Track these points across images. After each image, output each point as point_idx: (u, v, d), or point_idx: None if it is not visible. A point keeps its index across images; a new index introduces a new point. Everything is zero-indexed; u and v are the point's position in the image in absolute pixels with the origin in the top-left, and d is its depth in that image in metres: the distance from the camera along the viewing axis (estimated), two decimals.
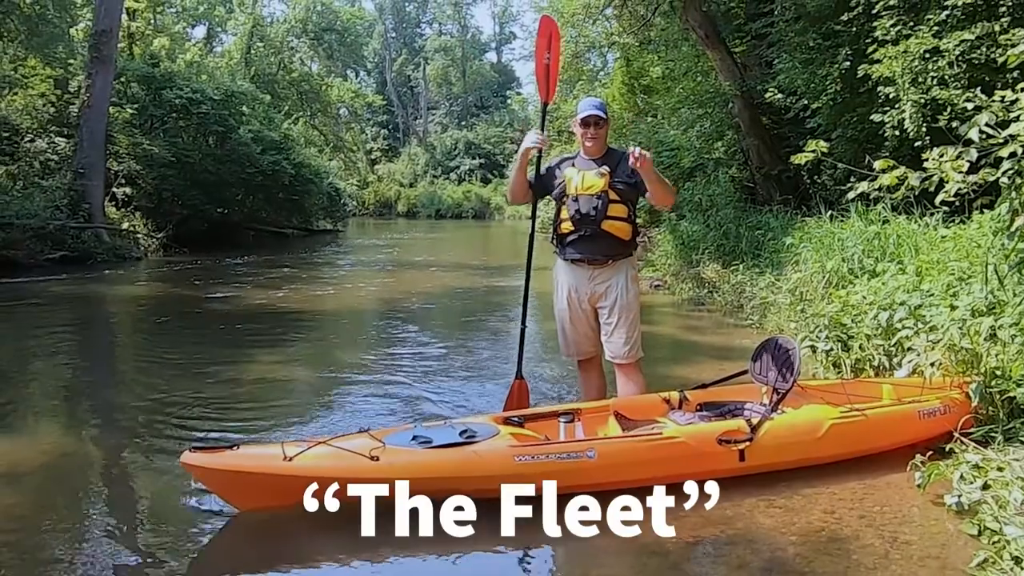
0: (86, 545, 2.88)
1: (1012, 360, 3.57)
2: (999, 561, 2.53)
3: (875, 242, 6.14)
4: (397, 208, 49.59)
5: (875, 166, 3.72)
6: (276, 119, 24.86)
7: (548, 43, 4.16)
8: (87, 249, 13.95)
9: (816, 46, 8.73)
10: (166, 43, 25.77)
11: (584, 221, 3.84)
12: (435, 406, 4.73)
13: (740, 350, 5.69)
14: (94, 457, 4.06)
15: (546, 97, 4.24)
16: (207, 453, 2.96)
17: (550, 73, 4.17)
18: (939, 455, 3.38)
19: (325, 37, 42.92)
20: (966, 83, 6.27)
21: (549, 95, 4.21)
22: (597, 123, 3.87)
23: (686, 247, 10.90)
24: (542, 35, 4.21)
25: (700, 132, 12.97)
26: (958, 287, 4.47)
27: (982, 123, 3.32)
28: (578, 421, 3.67)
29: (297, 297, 10.34)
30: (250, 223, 21.36)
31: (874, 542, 2.81)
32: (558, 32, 4.30)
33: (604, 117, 3.90)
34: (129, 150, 16.90)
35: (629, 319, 3.93)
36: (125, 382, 5.81)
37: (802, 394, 3.84)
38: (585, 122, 3.88)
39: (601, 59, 25.31)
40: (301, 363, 6.28)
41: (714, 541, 2.88)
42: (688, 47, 13.34)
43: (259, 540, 2.97)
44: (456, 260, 16.86)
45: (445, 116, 60.07)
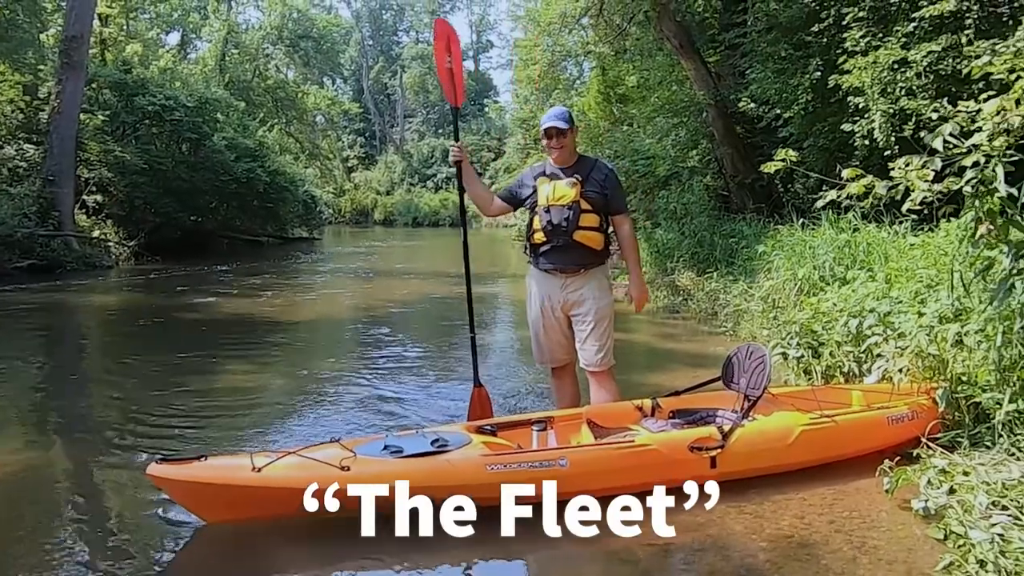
0: (52, 559, 2.82)
1: (978, 366, 3.63)
2: (964, 564, 2.56)
3: (845, 250, 6.22)
4: (374, 216, 49.41)
5: (843, 175, 3.76)
6: (251, 126, 24.70)
7: (447, 46, 4.08)
8: (56, 257, 13.74)
9: (788, 56, 8.84)
10: (139, 49, 25.44)
11: (556, 232, 3.85)
12: (407, 415, 4.71)
13: (714, 357, 5.72)
14: (60, 469, 3.99)
15: (455, 101, 4.14)
16: (174, 465, 2.91)
17: (455, 76, 4.09)
18: (907, 460, 3.42)
19: (301, 44, 42.69)
20: (933, 93, 6.39)
21: (458, 99, 4.12)
22: (558, 134, 3.88)
23: (661, 255, 10.96)
24: (439, 38, 4.10)
25: (675, 141, 13.07)
26: (926, 294, 4.54)
27: (947, 133, 3.37)
28: (551, 429, 3.67)
29: (271, 306, 10.24)
30: (224, 231, 21.16)
31: (843, 547, 2.83)
32: (456, 35, 4.19)
33: (565, 128, 3.88)
34: (100, 157, 16.68)
35: (602, 327, 3.95)
36: (93, 393, 5.72)
37: (773, 401, 3.86)
38: (547, 133, 3.90)
39: (577, 68, 25.45)
40: (273, 372, 6.22)
41: (685, 547, 2.89)
42: (663, 56, 13.46)
43: (226, 554, 2.93)
44: (432, 268, 16.81)
45: (422, 124, 59.99)
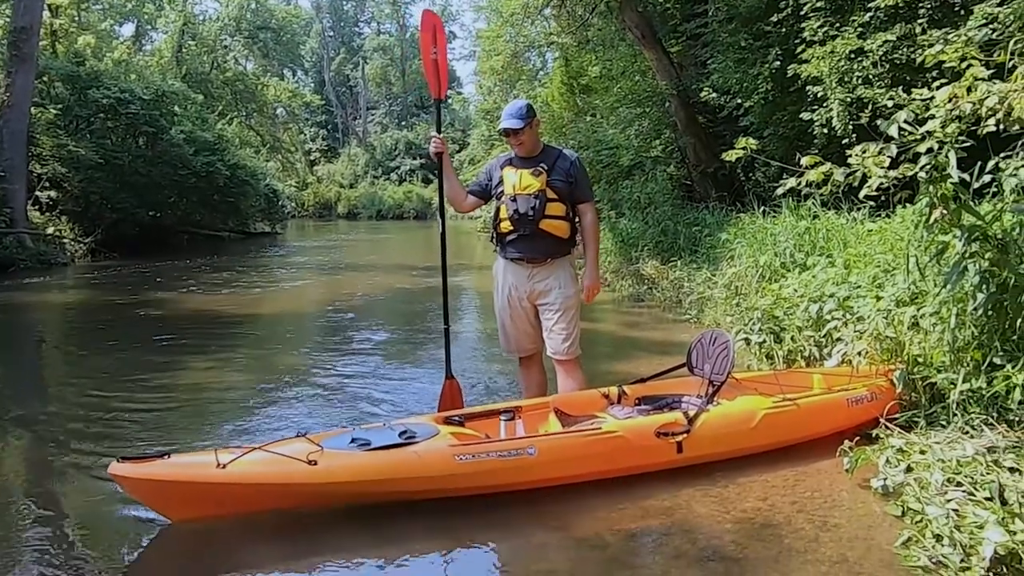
0: (13, 561, 2.76)
1: (933, 347, 3.72)
2: (921, 539, 2.64)
3: (806, 237, 6.33)
4: (337, 209, 48.89)
5: (803, 162, 3.83)
6: (209, 119, 24.22)
7: (433, 37, 4.04)
8: (9, 255, 13.36)
9: (748, 46, 8.95)
10: (92, 41, 24.77)
11: (522, 220, 3.85)
12: (374, 407, 4.69)
13: (678, 344, 5.79)
14: (18, 470, 3.90)
15: (438, 93, 4.11)
16: (137, 463, 2.86)
17: (439, 68, 4.06)
18: (866, 441, 3.50)
19: (260, 35, 42.01)
20: (889, 82, 6.52)
21: (441, 91, 4.10)
22: (515, 133, 3.88)
23: (625, 244, 11.04)
24: (426, 29, 4.06)
25: (638, 131, 13.15)
26: (883, 279, 4.64)
27: (901, 120, 3.44)
28: (519, 419, 3.68)
29: (233, 301, 10.10)
30: (184, 226, 20.75)
31: (805, 527, 2.89)
32: (441, 25, 4.17)
33: (520, 127, 3.86)
34: (53, 152, 16.22)
35: (568, 316, 3.97)
36: (51, 392, 5.60)
37: (737, 386, 3.93)
38: (505, 132, 3.90)
39: (540, 59, 25.46)
40: (237, 368, 6.14)
41: (652, 532, 2.93)
42: (625, 47, 13.53)
43: (192, 552, 2.89)
44: (397, 261, 16.72)
45: (385, 116, 59.46)
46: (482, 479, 3.09)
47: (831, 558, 2.64)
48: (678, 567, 2.62)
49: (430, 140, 4.01)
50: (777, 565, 2.60)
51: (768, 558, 2.66)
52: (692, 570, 2.60)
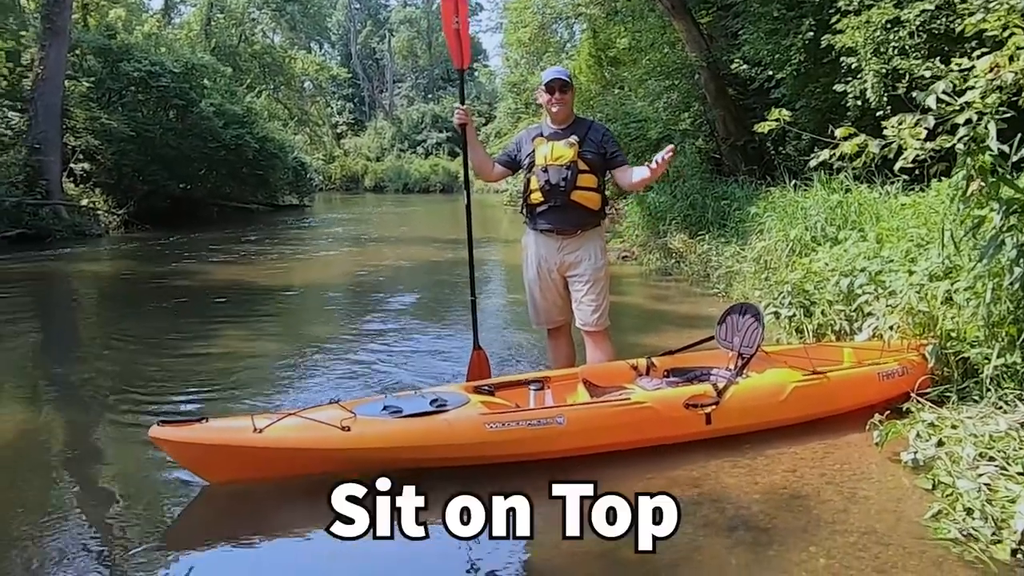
0: (55, 521, 2.86)
1: (966, 322, 3.68)
2: (952, 512, 2.64)
3: (837, 210, 6.26)
4: (364, 183, 49.02)
5: (836, 134, 3.78)
6: (238, 92, 24.33)
7: (455, 6, 4.00)
8: (45, 226, 13.62)
9: (780, 17, 8.78)
10: (122, 14, 24.93)
11: (554, 192, 3.86)
12: (405, 376, 4.75)
13: (706, 318, 5.77)
14: (60, 433, 4.02)
15: (460, 63, 4.08)
16: (176, 427, 2.95)
17: (461, 38, 4.02)
18: (896, 415, 3.49)
19: (287, 8, 41.90)
20: (926, 53, 6.38)
21: (464, 60, 4.07)
22: (562, 88, 3.88)
23: (653, 218, 10.97)
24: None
25: (667, 104, 13.01)
26: (916, 253, 4.59)
27: (939, 91, 3.38)
28: (548, 389, 3.72)
29: (263, 272, 10.23)
30: (214, 198, 20.98)
31: (834, 498, 2.90)
32: None
33: (569, 82, 3.90)
34: (86, 124, 16.45)
35: (598, 288, 3.98)
36: (90, 359, 5.73)
37: (766, 359, 3.92)
38: (550, 87, 3.88)
39: (568, 31, 25.16)
40: (269, 337, 6.24)
41: (681, 501, 2.93)
42: (654, 18, 13.32)
43: (229, 513, 2.98)
44: (423, 234, 16.78)
45: (411, 89, 59.32)
46: (511, 447, 3.13)
47: (860, 529, 2.65)
48: (706, 535, 2.65)
49: (454, 111, 4.01)
50: (805, 535, 2.62)
51: (797, 528, 2.67)
52: (721, 539, 2.63)
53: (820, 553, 2.50)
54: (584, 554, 2.56)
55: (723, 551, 2.55)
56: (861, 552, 2.50)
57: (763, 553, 2.52)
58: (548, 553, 2.64)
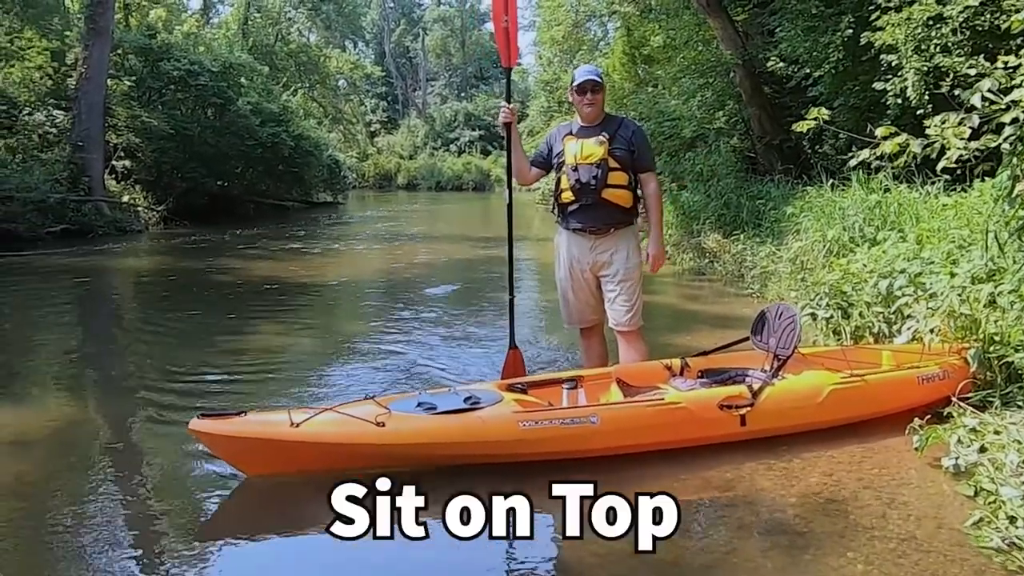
0: (95, 510, 2.93)
1: (1011, 326, 3.60)
2: (994, 520, 2.59)
3: (876, 211, 6.16)
4: (397, 180, 49.35)
5: (877, 133, 3.72)
6: (275, 91, 24.67)
7: (505, 4, 4.02)
8: (88, 222, 13.95)
9: (818, 13, 8.65)
10: (162, 14, 25.41)
11: (584, 190, 3.85)
12: (439, 373, 4.78)
13: (741, 319, 5.72)
14: (101, 424, 4.11)
15: (508, 62, 4.11)
16: (215, 419, 3.00)
17: (510, 36, 4.04)
18: (937, 419, 3.43)
19: (323, 7, 42.31)
20: (969, 50, 6.24)
21: (512, 59, 4.09)
22: (594, 88, 3.87)
23: (687, 217, 10.90)
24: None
25: (701, 102, 12.88)
26: (958, 255, 4.49)
27: (984, 89, 3.32)
28: (581, 388, 3.72)
29: (299, 269, 10.36)
30: (250, 196, 21.28)
31: (872, 503, 2.86)
32: None
33: (600, 82, 3.90)
34: (128, 123, 16.80)
35: (631, 287, 3.96)
36: (131, 352, 5.86)
37: (802, 361, 3.87)
38: (582, 88, 3.88)
39: (602, 29, 25.06)
40: (305, 332, 6.32)
41: (715, 504, 2.93)
42: (689, 15, 13.20)
43: (267, 505, 3.02)
44: (456, 232, 16.85)
45: (444, 87, 59.56)
46: (545, 446, 3.14)
47: (899, 535, 2.60)
48: (741, 538, 2.63)
49: (500, 110, 4.02)
50: (843, 540, 2.59)
51: (834, 533, 2.64)
52: (756, 541, 2.61)
53: (858, 559, 2.46)
54: (584, 554, 2.55)
55: (758, 554, 2.53)
56: (900, 559, 2.46)
57: (799, 557, 2.49)
58: (548, 553, 2.65)
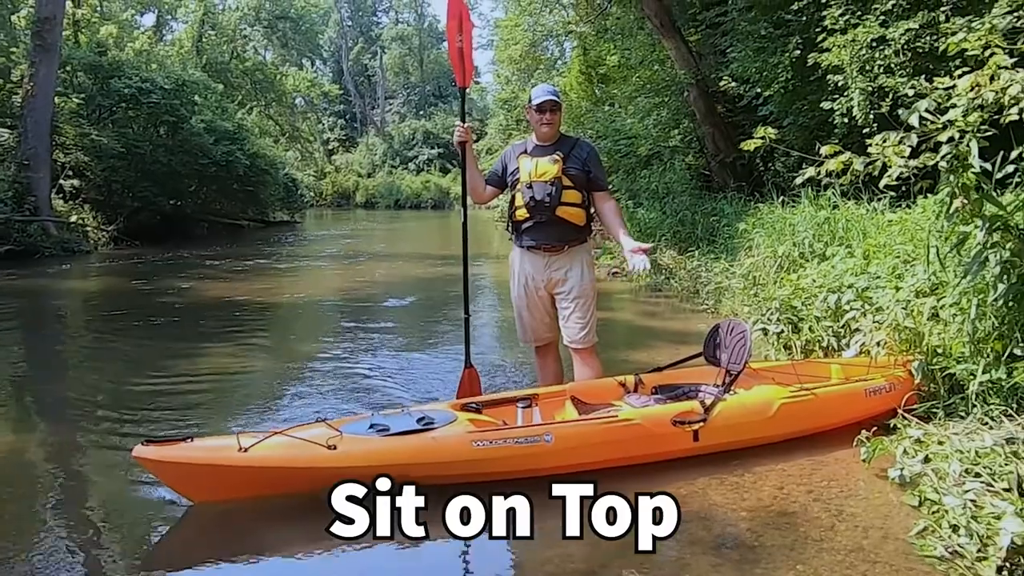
0: (39, 540, 2.83)
1: (952, 338, 3.70)
2: (938, 529, 2.64)
3: (825, 227, 6.30)
4: (355, 199, 49.08)
5: (822, 151, 3.81)
6: (229, 109, 24.38)
7: (459, 25, 4.03)
8: (33, 243, 13.56)
9: (768, 35, 8.87)
10: (113, 31, 24.99)
11: (539, 208, 3.87)
12: (393, 394, 4.73)
13: (696, 334, 5.78)
14: (43, 452, 3.97)
15: (463, 81, 4.11)
16: (160, 446, 2.92)
17: (464, 57, 4.05)
18: (883, 431, 3.50)
19: (279, 25, 42.13)
20: (911, 71, 6.44)
21: (467, 79, 4.10)
22: (552, 108, 3.91)
23: (643, 234, 10.99)
24: (452, 17, 4.04)
25: (656, 120, 13.10)
26: (903, 269, 4.61)
27: (922, 109, 3.41)
28: (535, 406, 3.72)
29: (253, 289, 10.19)
30: (204, 215, 20.96)
31: (821, 515, 2.90)
32: (468, 12, 4.15)
33: (558, 102, 3.94)
34: (76, 141, 16.42)
35: (585, 304, 3.98)
36: (76, 376, 5.69)
37: (754, 375, 3.93)
38: (540, 108, 3.91)
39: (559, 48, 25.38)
40: (257, 354, 6.21)
41: None
42: (644, 36, 13.46)
43: (214, 532, 2.95)
44: (415, 250, 16.79)
45: (403, 105, 59.55)
46: (499, 465, 3.12)
47: (847, 547, 2.64)
48: (693, 553, 2.64)
49: (454, 129, 4.03)
50: (793, 553, 2.61)
51: (784, 546, 2.67)
52: (707, 556, 2.62)
53: (807, 572, 2.49)
54: (584, 554, 2.55)
55: (710, 569, 2.53)
56: (848, 570, 2.49)
57: (750, 571, 2.51)
58: (548, 553, 2.63)
